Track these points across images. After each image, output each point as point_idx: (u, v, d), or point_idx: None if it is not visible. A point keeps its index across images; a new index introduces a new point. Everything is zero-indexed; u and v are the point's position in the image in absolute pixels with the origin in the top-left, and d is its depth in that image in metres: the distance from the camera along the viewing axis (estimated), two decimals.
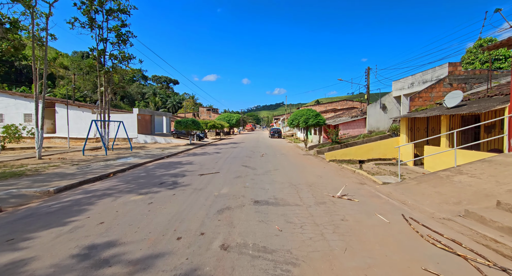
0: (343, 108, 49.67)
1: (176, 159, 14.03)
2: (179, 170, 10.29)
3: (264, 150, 19.26)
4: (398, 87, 16.52)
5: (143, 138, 26.69)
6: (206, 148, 21.18)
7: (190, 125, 24.39)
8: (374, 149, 13.01)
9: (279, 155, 15.56)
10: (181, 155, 16.69)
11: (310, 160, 13.43)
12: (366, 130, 18.11)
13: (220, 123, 37.14)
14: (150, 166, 11.62)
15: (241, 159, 13.59)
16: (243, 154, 16.05)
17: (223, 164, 11.77)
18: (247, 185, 7.49)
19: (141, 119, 27.57)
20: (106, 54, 20.20)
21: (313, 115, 20.01)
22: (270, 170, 10.13)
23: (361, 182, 7.92)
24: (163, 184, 7.65)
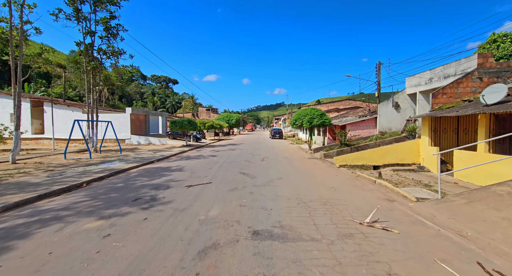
0: (346, 108, 47.98)
1: (166, 164, 12.40)
2: (165, 178, 8.65)
3: (265, 152, 17.61)
4: (413, 84, 14.86)
5: (136, 139, 25.07)
6: (202, 150, 19.54)
7: (186, 125, 22.77)
8: (391, 153, 11.36)
9: (282, 159, 13.91)
10: (173, 158, 15.05)
11: (318, 165, 11.78)
12: (377, 131, 16.44)
13: (219, 123, 35.50)
14: (133, 173, 9.99)
15: (239, 164, 11.95)
16: (241, 158, 14.41)
17: (218, 171, 10.13)
18: (244, 202, 5.85)
19: (134, 120, 25.96)
20: (94, 49, 18.54)
21: (318, 115, 18.35)
22: (273, 179, 8.49)
23: (388, 197, 6.26)
24: (138, 200, 6.01)
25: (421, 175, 9.80)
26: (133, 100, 71.07)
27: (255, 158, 14.19)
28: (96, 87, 19.26)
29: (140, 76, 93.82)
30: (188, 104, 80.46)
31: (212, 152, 18.17)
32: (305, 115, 18.71)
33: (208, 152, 18.28)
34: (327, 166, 11.62)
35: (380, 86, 16.08)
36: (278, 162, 12.86)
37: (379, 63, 16.02)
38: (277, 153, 16.96)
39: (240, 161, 12.95)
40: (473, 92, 10.50)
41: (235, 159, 13.73)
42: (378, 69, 16.01)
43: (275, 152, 18.08)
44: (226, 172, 9.82)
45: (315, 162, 12.98)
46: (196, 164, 12.17)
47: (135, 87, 78.27)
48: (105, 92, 48.52)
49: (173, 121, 22.80)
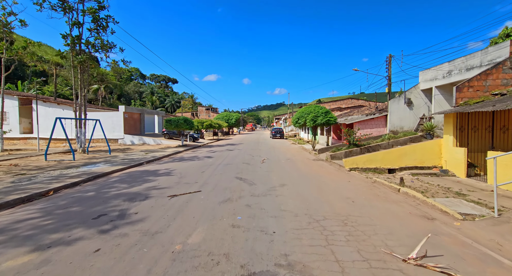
0: (349, 106, 46.57)
1: (154, 166, 11.02)
2: (147, 185, 7.26)
3: (266, 153, 16.22)
4: (428, 78, 13.45)
5: (130, 138, 23.71)
6: (198, 151, 18.16)
7: (182, 124, 21.40)
8: (408, 154, 9.95)
9: (284, 161, 12.52)
10: (165, 159, 13.67)
11: (325, 168, 10.38)
12: (387, 130, 15.04)
13: (218, 122, 34.12)
14: (113, 178, 8.60)
15: (236, 167, 10.56)
16: (239, 159, 13.02)
17: (211, 175, 8.74)
18: (238, 219, 4.48)
19: (128, 118, 24.59)
20: (82, 42, 17.15)
21: (322, 113, 16.97)
22: (275, 186, 7.09)
23: (423, 213, 4.87)
24: (101, 217, 4.63)
25: (446, 180, 8.40)
26: (131, 100, 69.72)
27: (254, 160, 12.81)
28: (85, 83, 17.87)
29: (139, 76, 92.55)
30: (188, 103, 79.13)
31: (209, 152, 16.79)
32: (309, 113, 17.33)
33: (204, 152, 16.89)
34: (336, 169, 10.21)
35: (391, 81, 14.67)
36: (280, 164, 11.47)
37: (390, 56, 14.61)
38: (279, 154, 15.56)
39: (238, 163, 11.56)
40: (505, 85, 9.09)
41: (232, 161, 12.34)
42: (389, 63, 14.61)
43: (276, 152, 16.68)
44: (220, 177, 8.43)
45: (322, 164, 11.58)
46: (188, 166, 10.78)
47: (134, 87, 76.97)
48: (101, 91, 47.20)
49: (168, 120, 21.43)
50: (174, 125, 21.23)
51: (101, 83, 47.50)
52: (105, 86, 47.44)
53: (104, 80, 47.97)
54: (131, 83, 77.67)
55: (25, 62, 51.12)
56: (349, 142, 12.58)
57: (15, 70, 49.45)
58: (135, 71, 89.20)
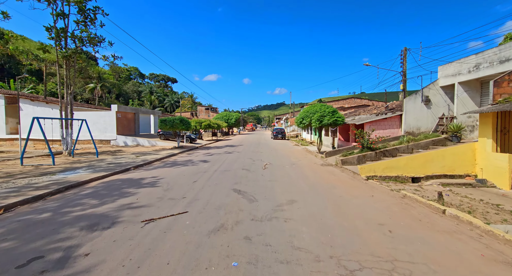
0: (352, 106, 45.03)
1: (141, 174, 9.52)
2: (121, 202, 5.77)
3: (268, 156, 14.73)
4: (450, 73, 11.94)
5: (123, 139, 22.22)
6: (194, 153, 16.66)
7: (178, 124, 19.91)
8: (436, 160, 8.45)
9: (289, 166, 11.02)
10: (156, 164, 12.19)
11: (337, 176, 8.87)
12: (402, 131, 13.53)
13: (217, 122, 32.64)
14: (87, 189, 7.11)
15: (234, 175, 9.06)
16: (238, 164, 11.54)
17: (204, 186, 7.24)
18: (233, 266, 3.00)
19: (121, 118, 23.10)
20: (68, 35, 15.64)
21: (329, 113, 15.47)
22: (282, 204, 5.60)
23: (504, 259, 3.38)
24: (32, 263, 3.13)
25: (487, 192, 6.90)
26: (129, 99, 68.22)
27: (255, 165, 11.31)
28: (71, 80, 16.40)
29: (138, 75, 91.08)
30: (187, 103, 77.68)
31: (205, 155, 15.29)
32: (314, 113, 15.83)
33: (200, 155, 15.39)
34: (350, 178, 8.71)
35: (406, 77, 13.16)
36: (285, 170, 9.97)
37: (405, 49, 13.09)
38: (282, 157, 14.06)
39: (236, 170, 10.06)
40: None
41: (230, 166, 10.84)
42: (404, 57, 13.09)
43: (279, 155, 15.18)
44: (214, 189, 6.93)
45: (332, 170, 10.06)
46: (179, 173, 9.29)
47: (133, 86, 75.49)
48: (98, 90, 45.73)
49: (163, 120, 19.95)
50: (169, 125, 19.75)
51: (98, 82, 46.00)
52: (102, 85, 45.93)
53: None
54: (130, 82, 76.21)
55: (20, 61, 49.65)
56: (362, 145, 11.08)
57: (9, 68, 47.98)
58: (134, 70, 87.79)
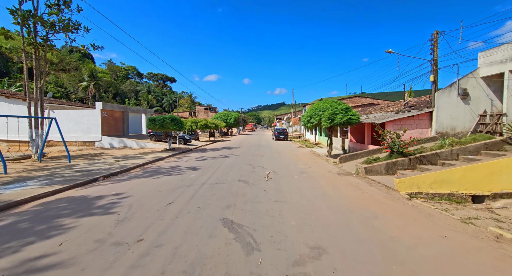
0: (357, 105, 42.54)
1: (105, 188, 7.14)
2: (32, 250, 3.38)
3: (270, 161, 12.35)
4: (497, 60, 9.56)
5: (108, 141, 19.84)
6: (185, 158, 14.27)
7: (168, 124, 17.53)
8: (505, 172, 6.08)
9: (299, 177, 8.62)
10: (133, 172, 9.82)
11: (368, 194, 6.46)
12: (432, 131, 11.15)
13: (214, 122, 30.25)
14: (10, 216, 4.73)
15: (227, 191, 6.67)
16: (234, 173, 9.15)
17: (179, 215, 4.83)
18: None
19: (107, 117, 20.73)
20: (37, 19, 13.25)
21: (342, 110, 13.10)
22: (303, 260, 3.21)
23: None
24: None
25: None
26: (125, 98, 65.85)
27: (255, 174, 8.93)
28: (41, 72, 14.05)
29: (137, 74, 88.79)
30: (185, 102, 75.37)
31: (197, 160, 12.89)
32: (324, 111, 13.46)
33: (191, 160, 13.00)
34: (386, 196, 6.31)
35: (437, 66, 10.77)
36: (294, 183, 7.58)
37: (436, 32, 10.70)
38: (287, 163, 11.67)
39: (231, 182, 7.68)
40: None
41: (223, 177, 8.46)
42: (435, 42, 10.70)
43: (284, 160, 12.79)
44: (194, 220, 4.54)
45: (357, 184, 7.64)
46: (154, 189, 6.90)
47: (130, 85, 73.17)
48: (91, 89, 43.35)
49: (151, 119, 17.57)
50: (159, 125, 17.37)
51: (91, 80, 43.66)
52: (95, 84, 43.56)
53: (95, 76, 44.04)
54: (127, 82, 73.89)
55: (11, 58, 47.33)
56: (391, 149, 8.67)
57: None
58: (132, 69, 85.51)
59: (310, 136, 30.52)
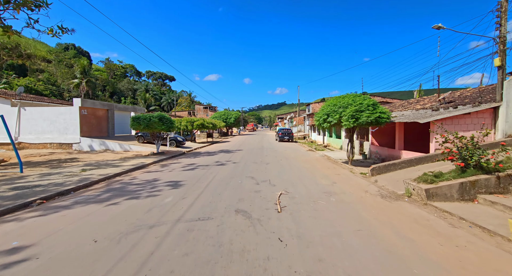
0: None
1: (17, 230, 4.27)
2: None
3: (279, 172, 9.47)
4: None
5: (88, 143, 17.00)
6: (171, 165, 11.39)
7: (155, 124, 14.69)
8: None
9: (326, 203, 5.67)
10: (93, 189, 6.95)
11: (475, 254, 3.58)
12: (498, 134, 8.25)
13: (212, 122, 27.39)
14: None
15: (217, 235, 3.76)
16: (230, 195, 6.26)
17: None
18: None
19: (88, 116, 17.89)
20: None
21: (368, 106, 10.26)
22: None
23: None
24: None
25: None
26: (121, 97, 62.99)
27: (261, 196, 6.03)
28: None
29: (135, 73, 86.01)
30: (185, 101, 72.57)
31: (184, 170, 10.00)
32: (345, 107, 10.60)
33: (177, 170, 10.11)
34: (497, 251, 3.43)
35: (505, 45, 7.87)
36: (327, 220, 4.63)
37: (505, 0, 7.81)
38: (303, 175, 8.77)
39: (224, 215, 4.77)
40: None
41: (213, 204, 5.53)
42: (502, 12, 7.82)
43: (296, 170, 9.88)
44: None
45: (428, 221, 4.67)
46: (88, 237, 3.99)
47: (127, 84, 70.38)
48: (83, 86, 40.51)
49: (135, 118, 14.73)
50: (144, 125, 14.52)
51: (83, 77, 40.81)
52: (88, 81, 40.70)
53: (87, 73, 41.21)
54: (125, 80, 71.10)
55: None
56: (464, 161, 5.75)
57: None
58: (130, 68, 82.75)
59: (317, 138, 27.62)
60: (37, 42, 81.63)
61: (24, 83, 35.77)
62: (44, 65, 62.74)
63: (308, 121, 36.96)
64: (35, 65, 60.39)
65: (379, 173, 8.42)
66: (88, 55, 71.26)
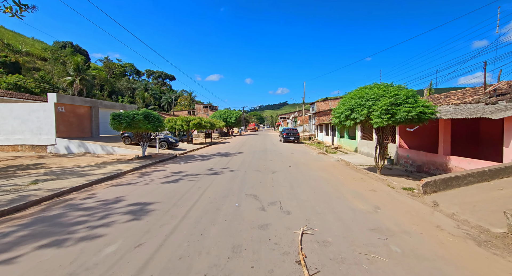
0: None
1: None
2: None
3: (291, 187, 6.95)
4: None
5: (65, 144, 14.59)
6: (152, 175, 8.89)
7: (139, 122, 12.26)
8: None
9: (388, 259, 3.21)
10: (18, 219, 4.47)
11: None
12: None
13: (210, 121, 24.92)
14: None
15: None
16: (218, 235, 3.77)
17: None
18: None
19: (66, 113, 15.48)
20: None
21: (407, 98, 7.82)
22: None
23: None
24: None
25: None
26: (119, 96, 60.68)
27: (271, 236, 3.53)
28: None
29: (135, 72, 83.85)
30: (185, 101, 70.26)
31: (164, 182, 7.48)
32: (375, 100, 8.12)
33: (156, 181, 7.61)
34: None
35: None
36: None
37: None
38: (327, 194, 6.23)
39: None
40: None
41: (188, 259, 3.07)
42: None
43: (314, 183, 7.34)
44: None
45: None
46: None
47: (126, 83, 68.17)
48: (77, 84, 38.20)
49: (115, 116, 12.32)
50: (126, 124, 12.07)
51: (77, 74, 38.52)
52: (82, 79, 38.40)
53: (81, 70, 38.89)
54: (123, 79, 68.91)
55: None
56: None
57: None
58: (130, 67, 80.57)
59: (325, 138, 25.05)
60: (36, 41, 79.84)
61: (13, 80, 33.52)
62: (41, 63, 60.73)
63: (313, 120, 34.43)
64: (31, 63, 58.38)
65: (435, 190, 5.88)
66: (86, 54, 69.16)
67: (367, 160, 12.65)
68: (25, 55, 57.81)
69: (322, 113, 32.13)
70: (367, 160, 12.84)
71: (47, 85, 42.11)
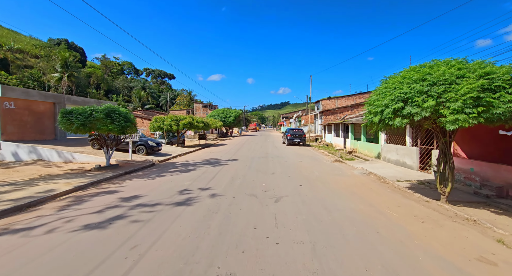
0: None
1: None
2: None
3: (309, 241, 3.63)
4: None
5: (12, 149, 11.41)
6: (89, 203, 5.57)
7: (98, 122, 9.02)
8: None
9: None
10: None
11: None
12: None
13: (204, 121, 21.62)
14: None
15: None
16: None
17: None
18: None
19: (18, 111, 12.30)
20: None
21: (504, 82, 4.36)
22: None
23: None
24: None
25: None
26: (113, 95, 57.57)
27: None
28: None
29: (133, 71, 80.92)
30: (184, 100, 67.14)
31: (84, 229, 4.13)
32: (448, 84, 4.69)
33: (71, 226, 4.26)
34: None
35: None
36: None
37: None
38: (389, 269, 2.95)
39: None
40: None
41: None
42: None
43: (355, 235, 3.99)
44: None
45: None
46: None
47: (123, 81, 65.19)
48: (65, 81, 35.16)
49: (66, 113, 9.08)
50: (79, 123, 8.81)
51: (65, 71, 35.46)
52: (70, 75, 35.36)
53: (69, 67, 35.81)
54: (120, 77, 65.95)
55: None
56: None
57: None
58: (128, 65, 77.63)
59: (335, 140, 21.65)
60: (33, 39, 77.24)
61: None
62: (34, 61, 57.93)
63: (320, 120, 31.04)
64: (23, 61, 55.60)
65: None
66: (82, 52, 66.29)
67: (400, 172, 9.31)
68: (17, 53, 55.10)
69: (330, 112, 28.73)
70: (400, 171, 9.51)
71: (35, 82, 39.13)
